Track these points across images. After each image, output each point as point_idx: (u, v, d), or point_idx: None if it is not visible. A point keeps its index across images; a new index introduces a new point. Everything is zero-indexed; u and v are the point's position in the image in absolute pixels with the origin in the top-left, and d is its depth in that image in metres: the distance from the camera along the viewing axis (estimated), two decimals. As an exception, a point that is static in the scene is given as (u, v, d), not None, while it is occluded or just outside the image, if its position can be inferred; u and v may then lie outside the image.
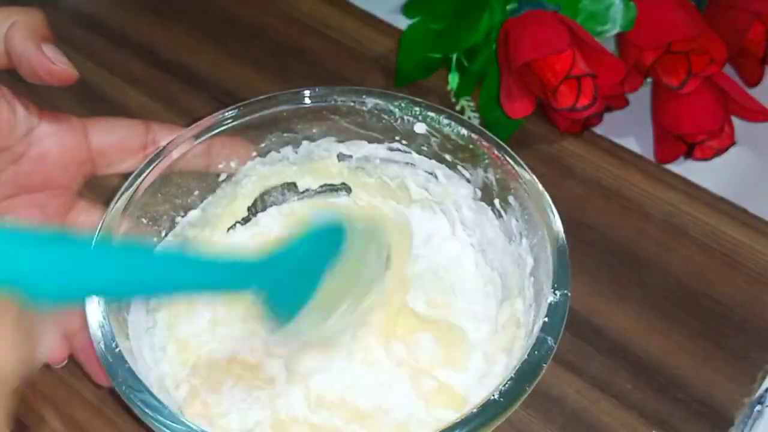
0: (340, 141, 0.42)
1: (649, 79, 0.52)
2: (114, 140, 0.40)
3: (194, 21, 0.58)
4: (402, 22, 0.55)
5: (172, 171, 0.38)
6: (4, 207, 0.38)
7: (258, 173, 0.42)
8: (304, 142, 0.42)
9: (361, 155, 0.42)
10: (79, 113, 0.40)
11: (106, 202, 0.37)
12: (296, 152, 0.42)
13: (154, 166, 0.37)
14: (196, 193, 0.41)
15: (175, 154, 0.38)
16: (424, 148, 0.41)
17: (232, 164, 0.41)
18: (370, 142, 0.41)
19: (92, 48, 0.44)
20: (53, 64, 0.37)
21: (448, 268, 0.41)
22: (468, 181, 0.40)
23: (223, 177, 0.41)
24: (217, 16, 0.59)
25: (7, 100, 0.37)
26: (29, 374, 0.24)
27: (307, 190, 0.44)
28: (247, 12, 0.59)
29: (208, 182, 0.41)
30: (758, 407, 0.41)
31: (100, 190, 0.42)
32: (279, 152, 0.42)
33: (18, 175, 0.38)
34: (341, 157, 0.42)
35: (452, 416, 0.33)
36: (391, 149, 0.41)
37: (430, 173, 0.41)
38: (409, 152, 0.41)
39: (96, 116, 0.41)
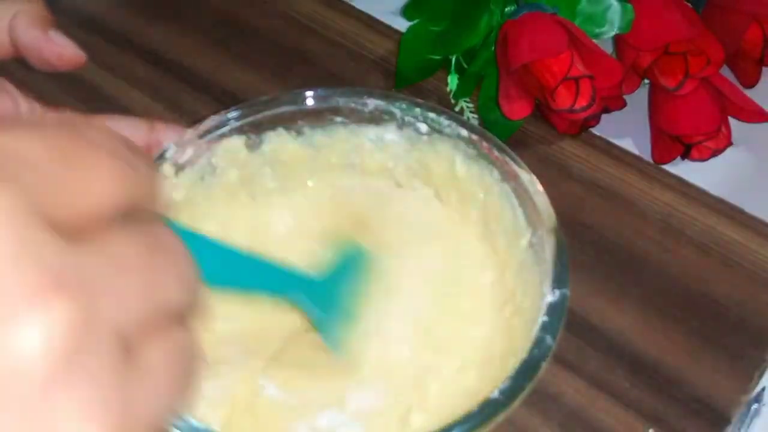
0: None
1: (646, 81, 0.52)
2: None
3: (196, 23, 0.59)
4: (402, 24, 0.55)
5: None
6: None
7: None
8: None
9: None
10: (81, 114, 0.40)
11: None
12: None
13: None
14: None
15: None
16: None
17: None
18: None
19: (94, 49, 0.44)
20: (62, 49, 0.37)
21: None
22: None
23: None
24: (218, 19, 0.59)
25: (11, 94, 0.37)
26: None
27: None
28: (248, 14, 0.59)
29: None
30: (755, 405, 0.42)
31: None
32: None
33: None
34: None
35: None
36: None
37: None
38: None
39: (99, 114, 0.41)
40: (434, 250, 0.41)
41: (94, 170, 0.19)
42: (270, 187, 0.43)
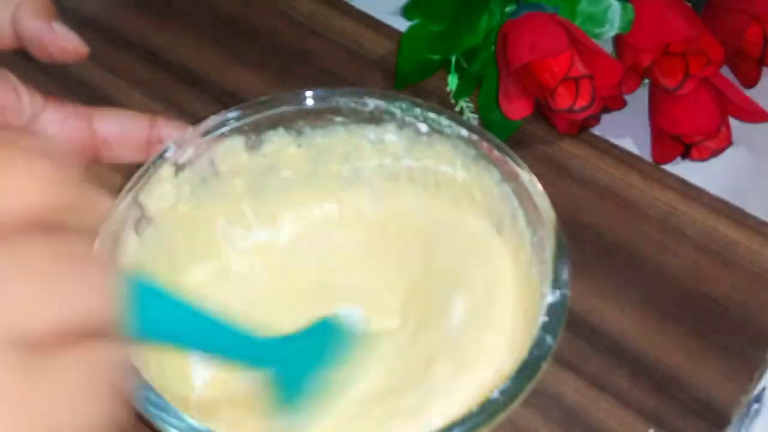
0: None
1: (646, 81, 0.52)
2: (118, 130, 0.40)
3: (196, 23, 0.59)
4: (402, 24, 0.55)
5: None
6: None
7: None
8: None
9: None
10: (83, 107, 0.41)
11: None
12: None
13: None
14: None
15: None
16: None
17: None
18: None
19: (94, 49, 0.44)
20: (65, 41, 0.37)
21: None
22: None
23: None
24: (218, 19, 0.59)
25: (13, 85, 0.38)
26: None
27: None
28: (248, 14, 0.59)
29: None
30: (755, 405, 0.42)
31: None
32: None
33: None
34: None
35: None
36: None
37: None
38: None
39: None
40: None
41: (9, 171, 0.19)
42: (271, 188, 0.43)
